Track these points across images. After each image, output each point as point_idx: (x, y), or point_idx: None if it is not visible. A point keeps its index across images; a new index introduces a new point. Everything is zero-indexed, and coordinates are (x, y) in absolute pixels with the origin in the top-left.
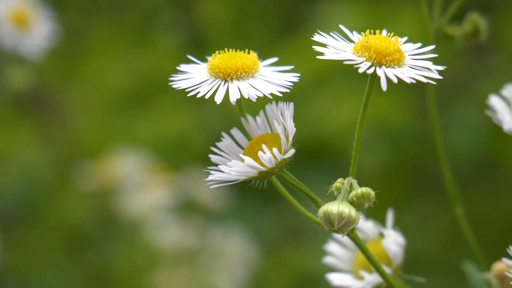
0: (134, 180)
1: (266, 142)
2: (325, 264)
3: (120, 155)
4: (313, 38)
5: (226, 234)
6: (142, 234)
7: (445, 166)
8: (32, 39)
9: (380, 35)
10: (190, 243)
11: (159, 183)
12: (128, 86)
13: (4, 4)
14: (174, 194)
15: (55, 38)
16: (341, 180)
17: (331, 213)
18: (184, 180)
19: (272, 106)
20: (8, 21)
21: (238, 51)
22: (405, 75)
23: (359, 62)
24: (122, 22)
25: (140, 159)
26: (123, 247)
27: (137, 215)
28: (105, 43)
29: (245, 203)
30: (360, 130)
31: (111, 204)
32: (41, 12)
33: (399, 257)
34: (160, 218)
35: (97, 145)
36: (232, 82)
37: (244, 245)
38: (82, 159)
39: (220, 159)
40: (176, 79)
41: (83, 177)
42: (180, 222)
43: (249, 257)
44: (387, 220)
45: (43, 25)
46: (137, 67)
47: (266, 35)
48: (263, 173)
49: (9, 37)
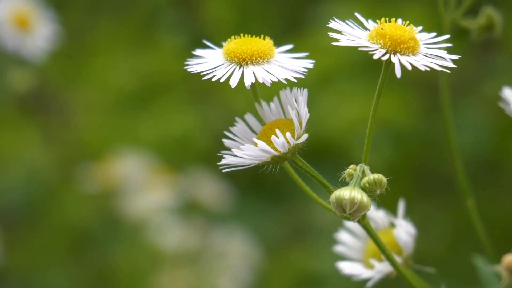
0: (137, 181)
1: (280, 127)
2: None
3: (123, 156)
4: (328, 25)
5: (228, 235)
6: (145, 235)
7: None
8: (34, 40)
9: (395, 23)
10: (193, 244)
11: (162, 184)
12: (131, 86)
13: (6, 6)
14: (176, 195)
15: (57, 40)
16: (354, 166)
17: (343, 198)
18: (186, 181)
19: (286, 91)
20: (10, 23)
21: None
22: (419, 63)
23: (374, 49)
24: (125, 22)
25: (142, 160)
26: (125, 248)
27: (139, 216)
28: (108, 43)
29: (248, 204)
30: (374, 118)
31: (114, 205)
32: (42, 13)
33: (410, 246)
34: (162, 219)
35: (100, 145)
36: (247, 66)
37: (247, 246)
38: (85, 160)
39: (234, 143)
40: (192, 63)
41: (86, 178)
42: (183, 223)
43: (251, 258)
44: (398, 210)
45: (44, 27)
46: (140, 67)
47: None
48: (276, 157)
49: (10, 39)
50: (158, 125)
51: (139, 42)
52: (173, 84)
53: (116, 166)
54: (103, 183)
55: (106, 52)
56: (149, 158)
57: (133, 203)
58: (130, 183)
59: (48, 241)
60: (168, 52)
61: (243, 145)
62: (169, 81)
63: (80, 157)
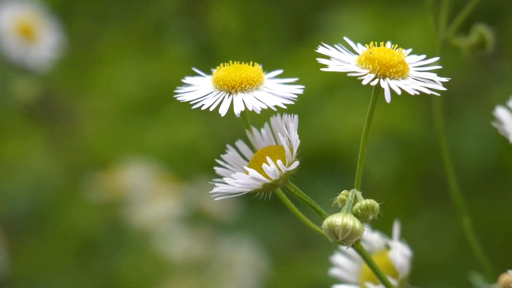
0: (143, 189)
1: (271, 154)
2: (331, 275)
3: (130, 164)
4: (317, 50)
5: (235, 244)
6: (151, 244)
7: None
8: (38, 50)
9: (384, 47)
10: (199, 253)
11: (168, 193)
12: (137, 94)
13: (10, 15)
14: (183, 204)
15: (61, 49)
16: (346, 192)
17: (335, 225)
18: (193, 190)
19: (276, 118)
20: (14, 33)
21: (243, 63)
22: (409, 87)
23: (363, 74)
24: (132, 30)
25: (149, 168)
26: (132, 256)
27: (146, 224)
28: (114, 51)
29: (254, 213)
30: (365, 143)
31: (120, 213)
32: (47, 23)
33: (405, 269)
34: (169, 228)
35: (106, 153)
36: (237, 94)
37: (253, 255)
38: (91, 168)
39: (225, 171)
40: (181, 91)
41: (93, 186)
42: (189, 232)
43: (258, 267)
44: (394, 231)
45: (49, 36)
46: (147, 75)
47: (275, 44)
48: (268, 185)
49: (15, 48)
50: (164, 134)
51: (146, 50)
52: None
53: (123, 175)
54: (109, 192)
55: (112, 60)
56: (156, 167)
57: (140, 212)
58: (136, 192)
59: (54, 249)
60: (174, 60)
61: (234, 173)
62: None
63: (86, 165)
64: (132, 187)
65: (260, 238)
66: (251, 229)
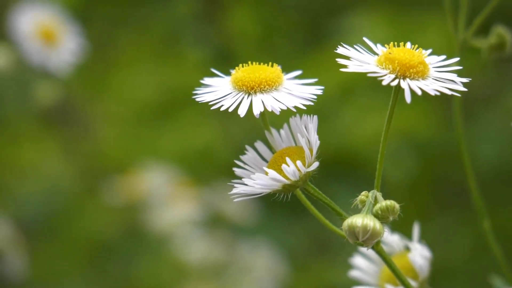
0: (161, 194)
1: (290, 155)
2: (350, 277)
3: (147, 169)
4: (336, 51)
5: (253, 248)
6: (169, 248)
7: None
8: (60, 54)
9: (404, 47)
10: (217, 257)
11: (186, 197)
12: (153, 99)
13: (31, 20)
14: (201, 208)
15: (82, 54)
16: (366, 193)
17: (356, 226)
18: (211, 193)
19: (296, 119)
20: (35, 37)
21: (262, 64)
22: (429, 87)
23: (383, 74)
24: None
25: (166, 173)
26: (149, 261)
27: (164, 229)
28: (130, 56)
29: (272, 217)
30: (385, 144)
31: (138, 218)
32: (68, 27)
33: (425, 270)
34: (187, 232)
35: (122, 158)
36: (256, 95)
37: (272, 259)
38: (107, 172)
39: (244, 172)
40: (200, 92)
41: (110, 191)
42: (207, 236)
43: (276, 271)
44: (413, 233)
45: (70, 41)
46: (163, 80)
47: (291, 48)
48: (287, 186)
49: (36, 52)
50: (179, 138)
51: (162, 55)
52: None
53: (141, 179)
54: (127, 196)
55: (128, 65)
56: (173, 171)
57: (158, 216)
58: (155, 196)
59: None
60: (191, 65)
61: (254, 174)
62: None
63: (101, 169)
64: (150, 191)
65: (278, 242)
66: (269, 233)
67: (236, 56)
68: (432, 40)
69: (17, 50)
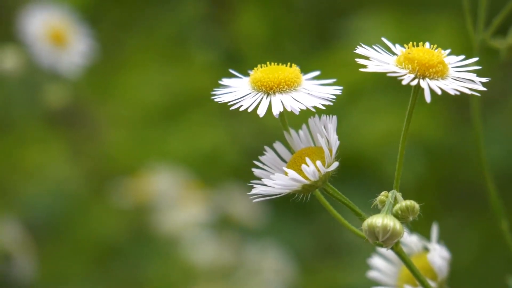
0: (169, 196)
1: (310, 155)
2: (369, 278)
3: (155, 171)
4: (355, 51)
5: (261, 250)
6: (178, 250)
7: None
8: (70, 56)
9: (423, 47)
10: (226, 260)
11: (194, 199)
12: (160, 101)
13: (41, 22)
14: (209, 210)
15: (92, 56)
16: (385, 193)
17: (376, 226)
18: (219, 196)
19: (315, 119)
20: (45, 39)
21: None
22: (449, 87)
23: (403, 74)
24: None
25: (174, 175)
26: (158, 263)
27: (172, 231)
28: (137, 58)
29: (280, 219)
30: (404, 143)
31: (146, 220)
32: (78, 29)
33: (445, 271)
34: (195, 234)
35: (129, 160)
36: (275, 95)
37: (280, 261)
38: (114, 174)
39: (263, 172)
40: (218, 93)
41: (118, 193)
42: (216, 239)
43: (284, 273)
44: (432, 233)
45: (80, 43)
46: (170, 82)
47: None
48: (307, 186)
49: (46, 54)
50: (187, 140)
51: (170, 57)
52: (203, 99)
53: (149, 181)
54: (135, 198)
55: (135, 67)
56: (181, 173)
57: (166, 218)
58: (162, 198)
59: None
60: (198, 67)
61: (273, 175)
62: (199, 96)
63: (109, 171)
64: (158, 193)
65: (286, 244)
66: (277, 235)
67: (243, 58)
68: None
69: (27, 52)
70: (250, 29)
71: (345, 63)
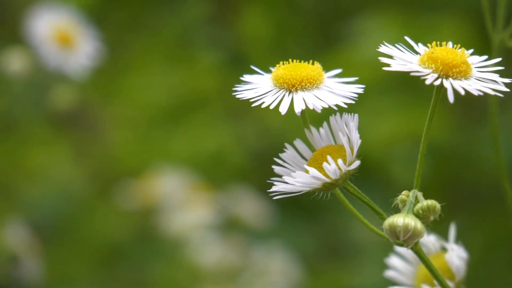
0: (175, 198)
1: (331, 153)
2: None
3: (160, 172)
4: (378, 50)
5: (268, 252)
6: (184, 252)
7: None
8: (76, 58)
9: (446, 47)
10: (232, 262)
11: (200, 201)
12: (165, 102)
13: (48, 23)
14: (215, 212)
15: (99, 57)
16: (406, 192)
17: (397, 225)
18: (225, 197)
19: (336, 117)
20: (52, 41)
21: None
22: (472, 87)
23: (426, 73)
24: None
25: (180, 176)
26: (163, 265)
27: (178, 233)
28: (142, 59)
29: (287, 221)
30: (425, 144)
31: (152, 221)
32: (85, 31)
33: (462, 271)
34: (201, 236)
35: (133, 161)
36: (297, 92)
37: (286, 263)
38: (118, 175)
39: (284, 170)
40: (240, 89)
41: (123, 195)
42: (222, 240)
43: (291, 275)
44: (449, 233)
45: (87, 44)
46: (175, 83)
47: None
48: (327, 184)
49: (52, 56)
50: (192, 141)
51: (174, 58)
52: (208, 100)
53: (154, 183)
54: (140, 200)
55: (139, 68)
56: (187, 174)
57: (172, 220)
58: (169, 200)
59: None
60: (203, 68)
61: (294, 172)
62: (203, 97)
63: (113, 172)
64: (164, 195)
65: (293, 246)
66: (284, 237)
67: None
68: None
69: (33, 54)
70: (255, 30)
71: (350, 64)
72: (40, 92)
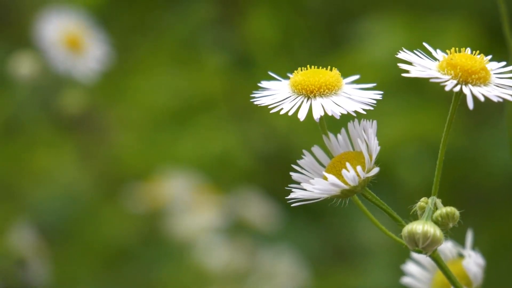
0: (182, 200)
1: (349, 160)
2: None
3: (167, 175)
4: (397, 56)
5: (275, 255)
6: (191, 255)
7: None
8: (85, 62)
9: (465, 53)
10: (239, 264)
11: (207, 204)
12: (170, 104)
13: (57, 27)
14: (222, 214)
15: (108, 61)
16: (425, 199)
17: (416, 232)
18: (232, 200)
19: (354, 123)
20: (61, 44)
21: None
22: (491, 94)
23: (445, 80)
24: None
25: (187, 179)
26: (170, 267)
27: (185, 236)
28: (147, 61)
29: (294, 224)
30: (443, 150)
31: (159, 224)
32: (94, 34)
33: (479, 278)
34: (209, 239)
35: (139, 163)
36: (315, 99)
37: (293, 265)
38: (124, 178)
39: (302, 177)
40: (258, 95)
41: (129, 197)
42: (229, 243)
43: (298, 278)
44: (466, 240)
45: (96, 48)
46: (180, 85)
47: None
48: (346, 191)
49: (61, 60)
50: (198, 143)
51: (180, 60)
52: (214, 102)
53: (161, 185)
54: (147, 202)
55: (145, 71)
56: (194, 177)
57: (179, 222)
58: (175, 203)
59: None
60: (209, 70)
61: (312, 179)
62: (209, 99)
63: (119, 175)
64: (171, 197)
65: (300, 248)
66: (291, 239)
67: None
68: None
69: (42, 57)
70: (261, 32)
71: (355, 67)
72: (49, 96)
